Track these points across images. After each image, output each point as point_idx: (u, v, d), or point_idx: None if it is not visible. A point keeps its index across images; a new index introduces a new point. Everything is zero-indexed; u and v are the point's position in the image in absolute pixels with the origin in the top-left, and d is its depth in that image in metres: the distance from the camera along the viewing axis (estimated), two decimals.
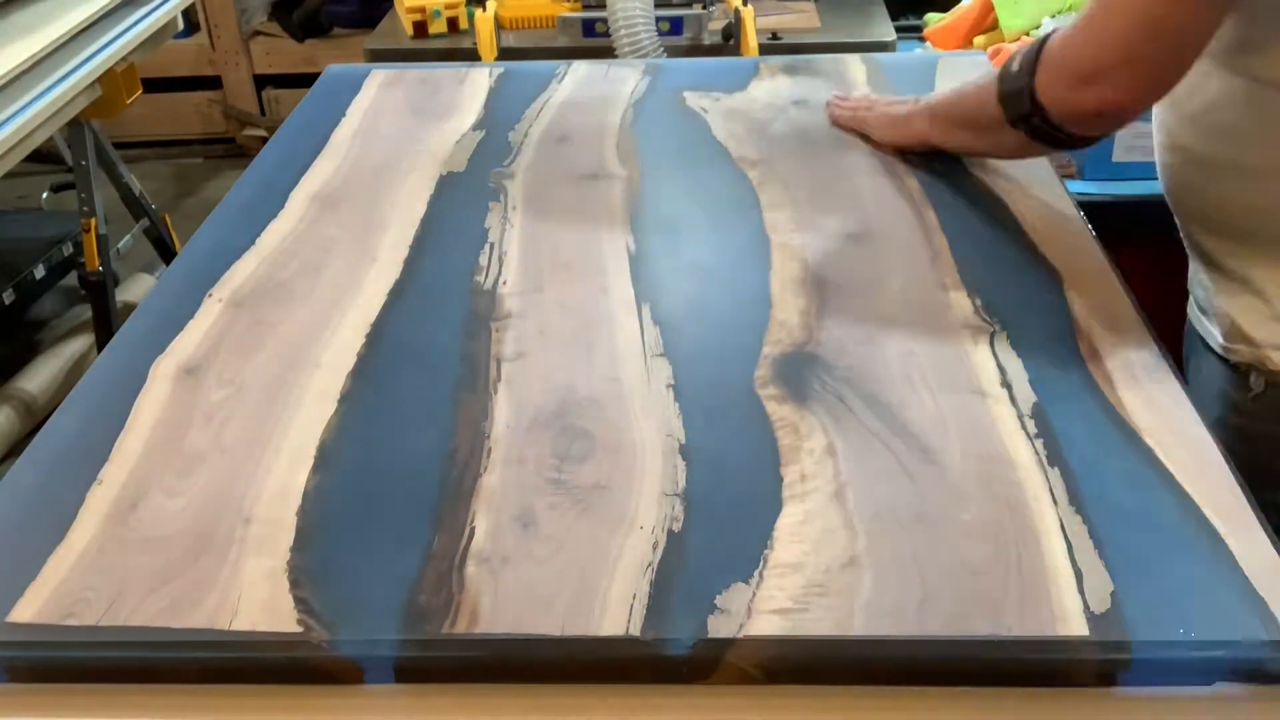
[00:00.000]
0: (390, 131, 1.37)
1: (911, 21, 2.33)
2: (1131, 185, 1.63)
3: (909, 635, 0.66)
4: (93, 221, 2.44)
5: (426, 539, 0.74)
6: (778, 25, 2.30)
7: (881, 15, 2.34)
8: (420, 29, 2.32)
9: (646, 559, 0.72)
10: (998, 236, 1.09)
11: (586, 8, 2.23)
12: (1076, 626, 0.66)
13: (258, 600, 0.70)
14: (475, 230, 1.13)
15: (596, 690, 0.67)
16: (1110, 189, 1.63)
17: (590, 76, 1.52)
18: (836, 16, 2.34)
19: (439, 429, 0.85)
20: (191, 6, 2.89)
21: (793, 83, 1.46)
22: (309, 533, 0.76)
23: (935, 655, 0.66)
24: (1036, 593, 0.68)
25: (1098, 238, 1.08)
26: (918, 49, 2.16)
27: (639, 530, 0.74)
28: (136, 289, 2.81)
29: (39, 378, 2.53)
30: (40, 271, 2.68)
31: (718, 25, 2.23)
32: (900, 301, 0.99)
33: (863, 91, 1.42)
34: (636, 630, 0.67)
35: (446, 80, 1.51)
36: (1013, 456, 0.80)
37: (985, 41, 1.96)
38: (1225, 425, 1.03)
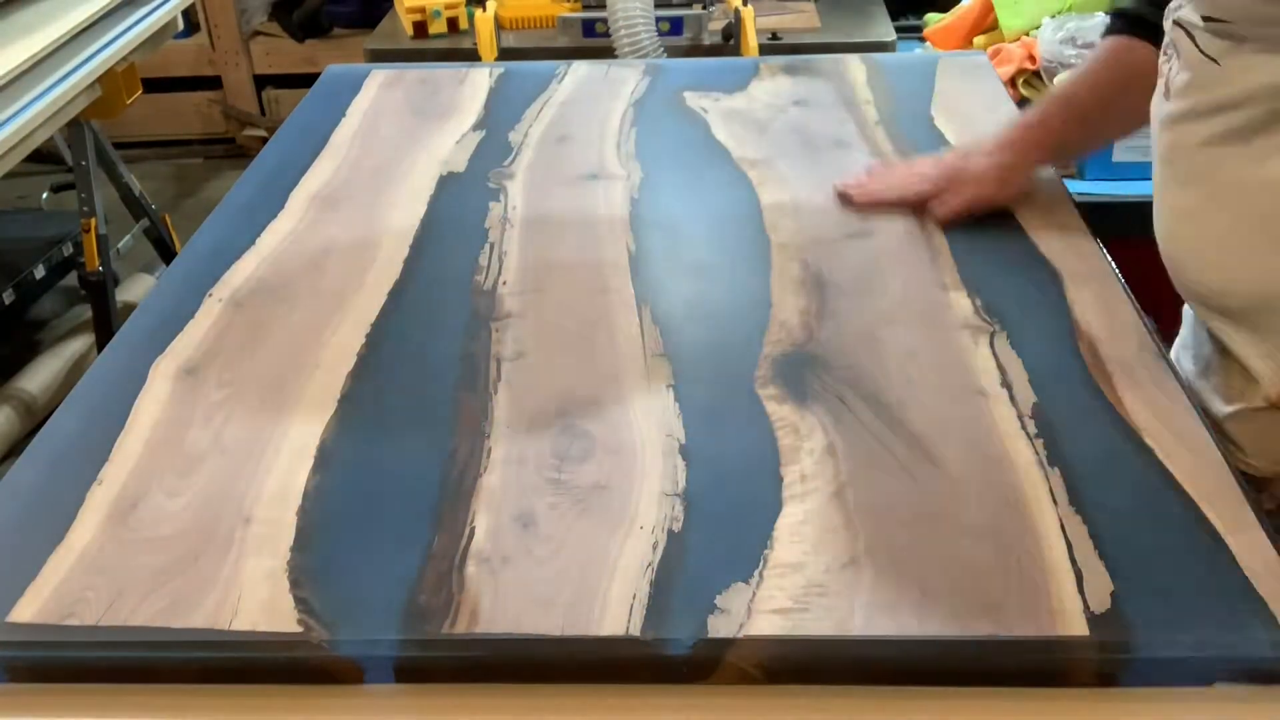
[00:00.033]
0: (390, 131, 1.37)
1: (911, 21, 2.34)
2: (1131, 185, 1.63)
3: (909, 635, 0.66)
4: (93, 221, 2.44)
5: (426, 539, 0.74)
6: (778, 25, 2.30)
7: (881, 15, 2.34)
8: (420, 29, 2.32)
9: (646, 559, 0.72)
10: (998, 236, 1.09)
11: (586, 8, 2.23)
12: (1076, 626, 0.66)
13: (258, 600, 0.70)
14: (475, 230, 1.13)
15: (596, 690, 0.67)
16: (1110, 189, 1.63)
17: (590, 76, 1.52)
18: (836, 16, 2.34)
19: (439, 429, 0.85)
20: (191, 6, 2.88)
21: (793, 83, 1.46)
22: (309, 533, 0.76)
23: (935, 655, 0.66)
24: (1036, 593, 0.68)
25: (1098, 238, 1.08)
26: (918, 49, 2.16)
27: (639, 530, 0.74)
28: (136, 289, 2.81)
29: (39, 378, 2.53)
30: (40, 271, 2.67)
31: (718, 25, 2.23)
32: (900, 301, 0.99)
33: (863, 91, 1.42)
34: (636, 630, 0.67)
35: (446, 80, 1.51)
36: (1013, 456, 0.80)
37: (985, 41, 1.96)
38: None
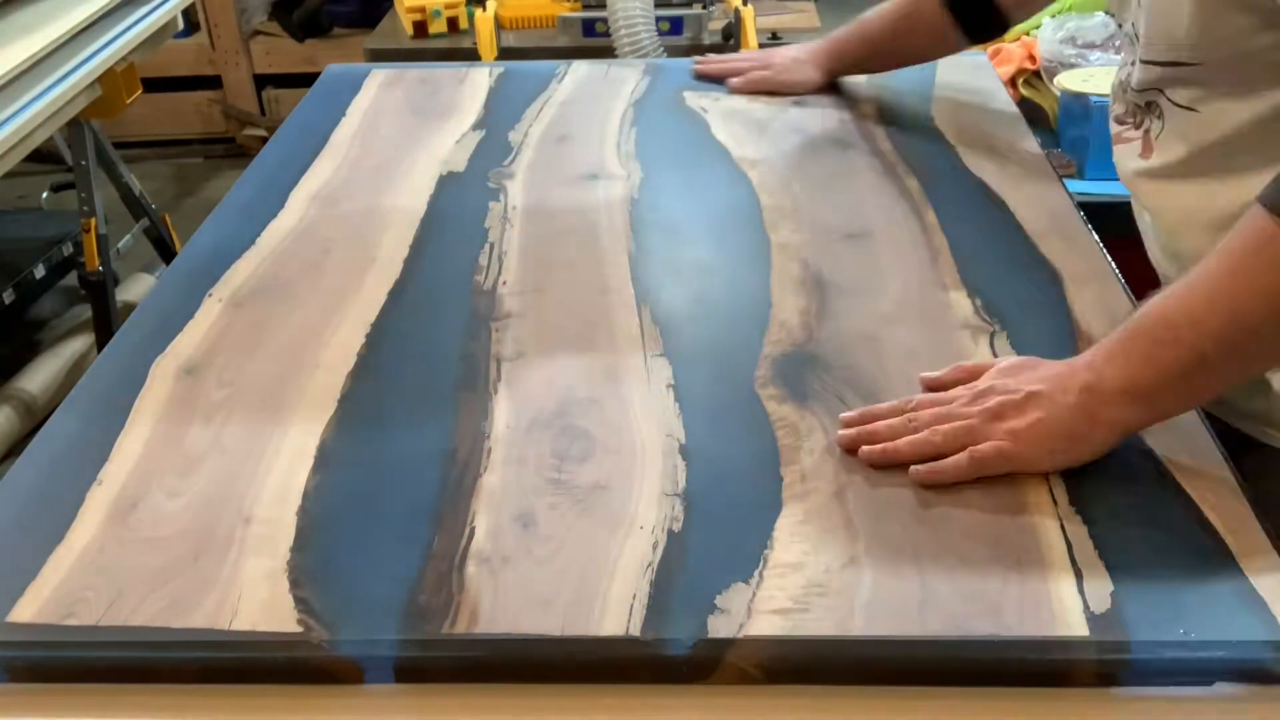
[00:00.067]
0: (390, 131, 1.37)
1: None
2: None
3: (909, 635, 0.66)
4: (93, 221, 2.44)
5: (426, 539, 0.74)
6: (778, 25, 2.30)
7: None
8: (420, 29, 2.32)
9: (646, 559, 0.72)
10: (998, 236, 1.09)
11: (586, 8, 2.23)
12: (1076, 626, 0.66)
13: (258, 600, 0.70)
14: (475, 230, 1.13)
15: (596, 690, 0.67)
16: (1110, 189, 1.62)
17: (590, 76, 1.51)
18: (836, 16, 2.34)
19: (439, 429, 0.85)
20: (191, 6, 2.89)
21: None
22: (309, 533, 0.75)
23: (935, 655, 0.66)
24: (1036, 593, 0.68)
25: (1098, 238, 1.08)
26: None
27: (639, 530, 0.74)
28: (136, 289, 2.81)
29: (39, 378, 2.53)
30: (40, 271, 2.67)
31: (718, 25, 2.23)
32: (900, 301, 0.99)
33: (863, 91, 1.42)
34: (636, 630, 0.67)
35: (446, 80, 1.51)
36: None
37: None
38: None
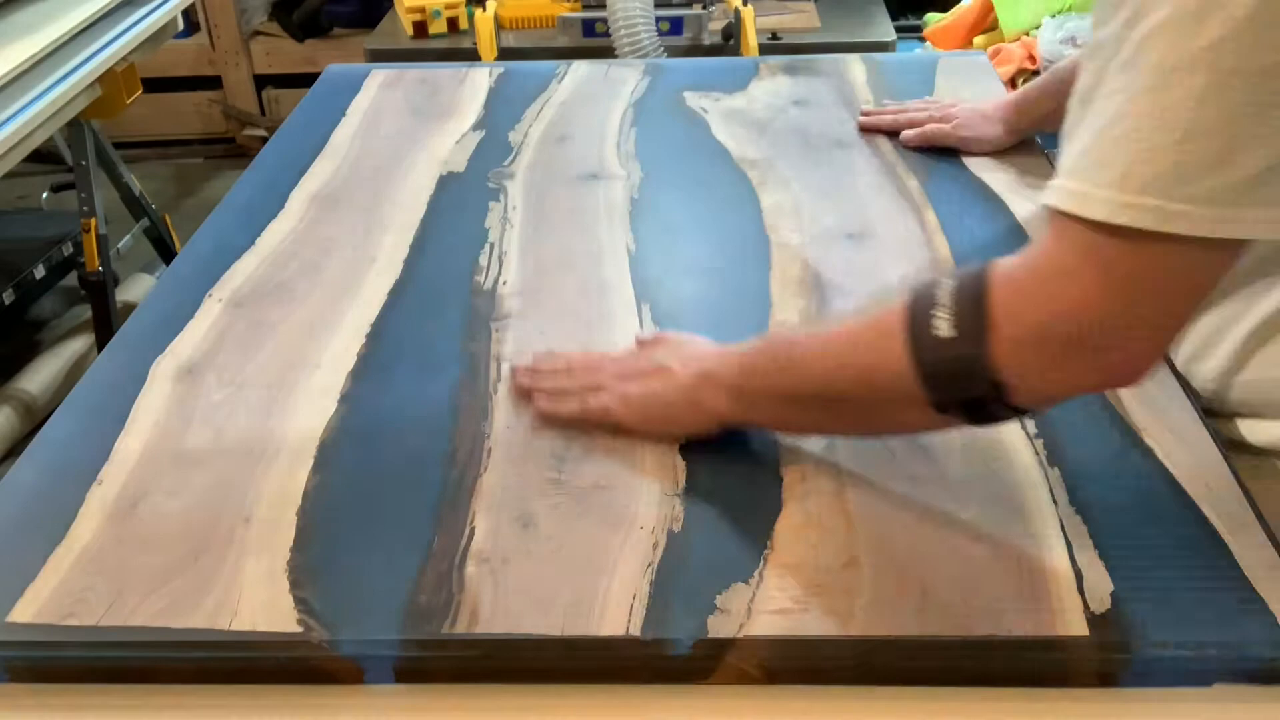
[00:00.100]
0: (390, 131, 1.37)
1: (911, 21, 2.34)
2: None
3: (909, 635, 0.66)
4: (93, 221, 2.44)
5: (426, 539, 0.74)
6: (778, 25, 2.30)
7: (881, 15, 2.34)
8: (420, 29, 2.32)
9: (646, 559, 0.72)
10: (998, 236, 1.09)
11: (586, 8, 2.23)
12: (1076, 626, 0.66)
13: (258, 600, 0.70)
14: (475, 230, 1.13)
15: (596, 690, 0.67)
16: None
17: (590, 76, 1.52)
18: (836, 16, 2.35)
19: (439, 429, 0.85)
20: (191, 6, 2.88)
21: (793, 83, 1.46)
22: (309, 533, 0.75)
23: (935, 655, 0.66)
24: (1036, 593, 0.68)
25: None
26: (918, 49, 2.16)
27: (639, 530, 0.74)
28: (136, 289, 2.81)
29: (39, 378, 2.53)
30: (40, 271, 2.67)
31: (718, 25, 2.23)
32: None
33: (863, 91, 1.42)
34: (636, 630, 0.67)
35: (446, 80, 1.51)
36: (1013, 456, 0.80)
37: (985, 41, 1.96)
38: None
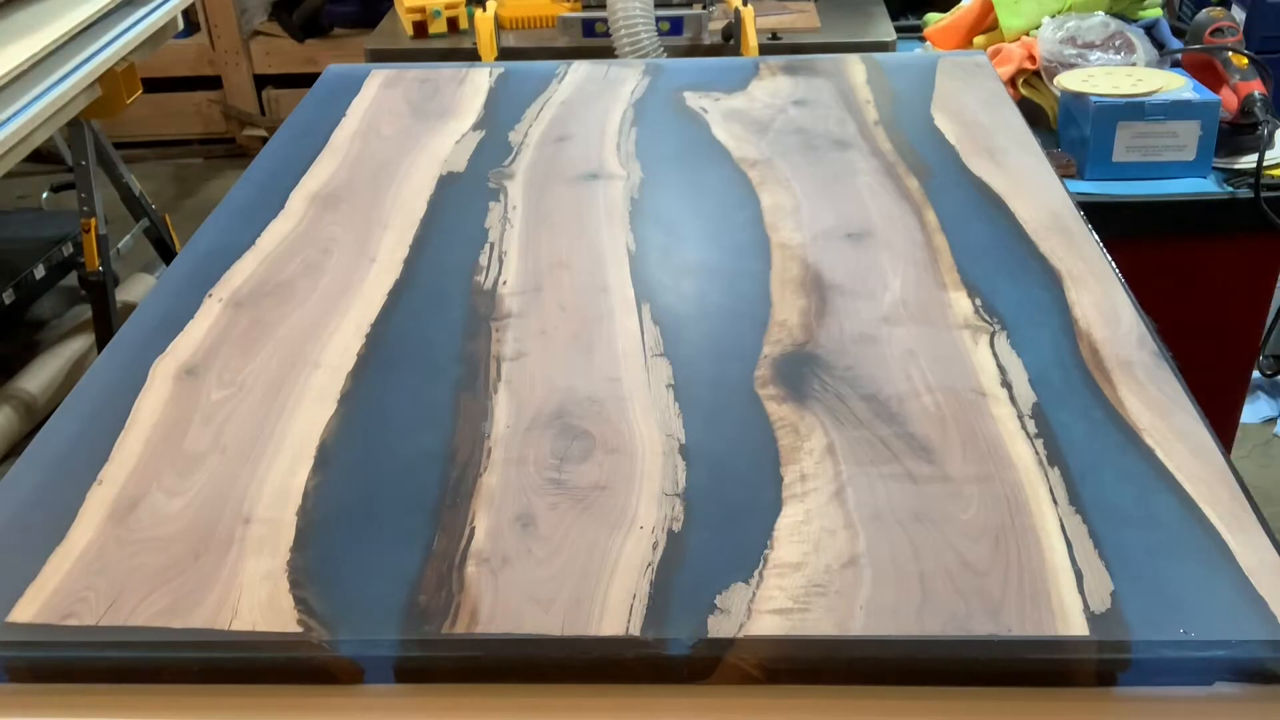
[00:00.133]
0: (390, 131, 1.37)
1: (911, 21, 2.34)
2: (1131, 185, 1.63)
3: (909, 635, 0.66)
4: (93, 221, 2.44)
5: (426, 539, 0.74)
6: (778, 25, 2.29)
7: (881, 15, 2.34)
8: (420, 29, 2.31)
9: (646, 559, 0.72)
10: (998, 236, 1.09)
11: (586, 8, 2.23)
12: (1076, 626, 0.66)
13: (258, 600, 0.70)
14: (475, 230, 1.13)
15: (596, 690, 0.67)
16: (1110, 189, 1.63)
17: (590, 76, 1.51)
18: (836, 16, 2.34)
19: (439, 429, 0.85)
20: (191, 6, 2.89)
21: (793, 83, 1.46)
22: (309, 533, 0.75)
23: (935, 655, 0.66)
24: (1036, 593, 0.68)
25: (1098, 238, 1.08)
26: (918, 49, 2.16)
27: (639, 530, 0.74)
28: (136, 289, 2.81)
29: (39, 378, 2.53)
30: (40, 271, 2.67)
31: (718, 25, 2.23)
32: (900, 301, 0.99)
33: (863, 91, 1.42)
34: (636, 630, 0.67)
35: (446, 80, 1.51)
36: (1013, 457, 0.80)
37: (985, 41, 1.96)
38: None
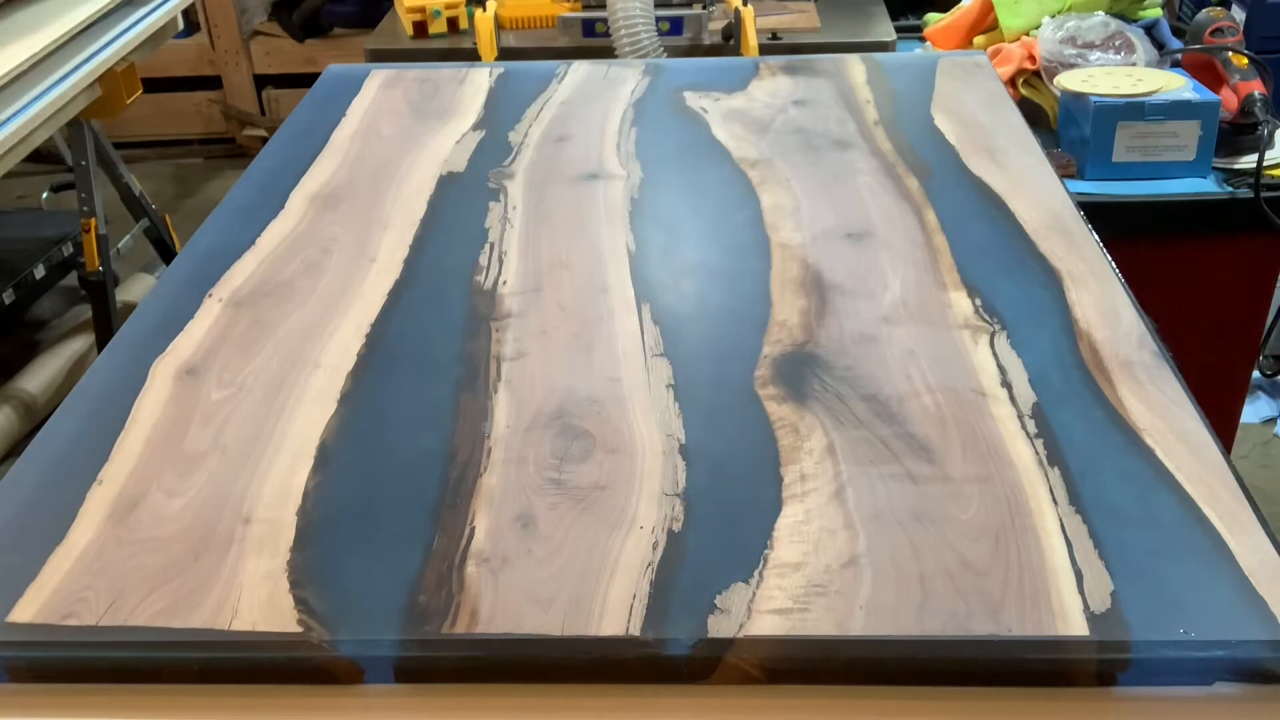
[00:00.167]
0: (390, 131, 1.37)
1: (911, 21, 2.34)
2: (1131, 185, 1.63)
3: (909, 635, 0.66)
4: (93, 221, 2.44)
5: (426, 539, 0.74)
6: (778, 25, 2.29)
7: (881, 15, 2.34)
8: (420, 29, 2.31)
9: (646, 559, 0.72)
10: (998, 236, 1.09)
11: (586, 8, 2.23)
12: (1076, 626, 0.66)
13: (258, 600, 0.70)
14: (475, 230, 1.13)
15: (596, 690, 0.67)
16: (1110, 189, 1.63)
17: (590, 76, 1.52)
18: (836, 16, 2.34)
19: (439, 429, 0.85)
20: (191, 6, 2.89)
21: (793, 83, 1.46)
22: (309, 533, 0.75)
23: (935, 655, 0.66)
24: (1036, 593, 0.68)
25: (1098, 238, 1.08)
26: (918, 49, 2.16)
27: (639, 530, 0.74)
28: (136, 289, 2.81)
29: (39, 378, 2.53)
30: (40, 271, 2.68)
31: (718, 25, 2.23)
32: (900, 301, 0.99)
33: (863, 91, 1.42)
34: (636, 630, 0.67)
35: (446, 80, 1.51)
36: (1013, 456, 0.80)
37: (985, 41, 1.96)
38: None
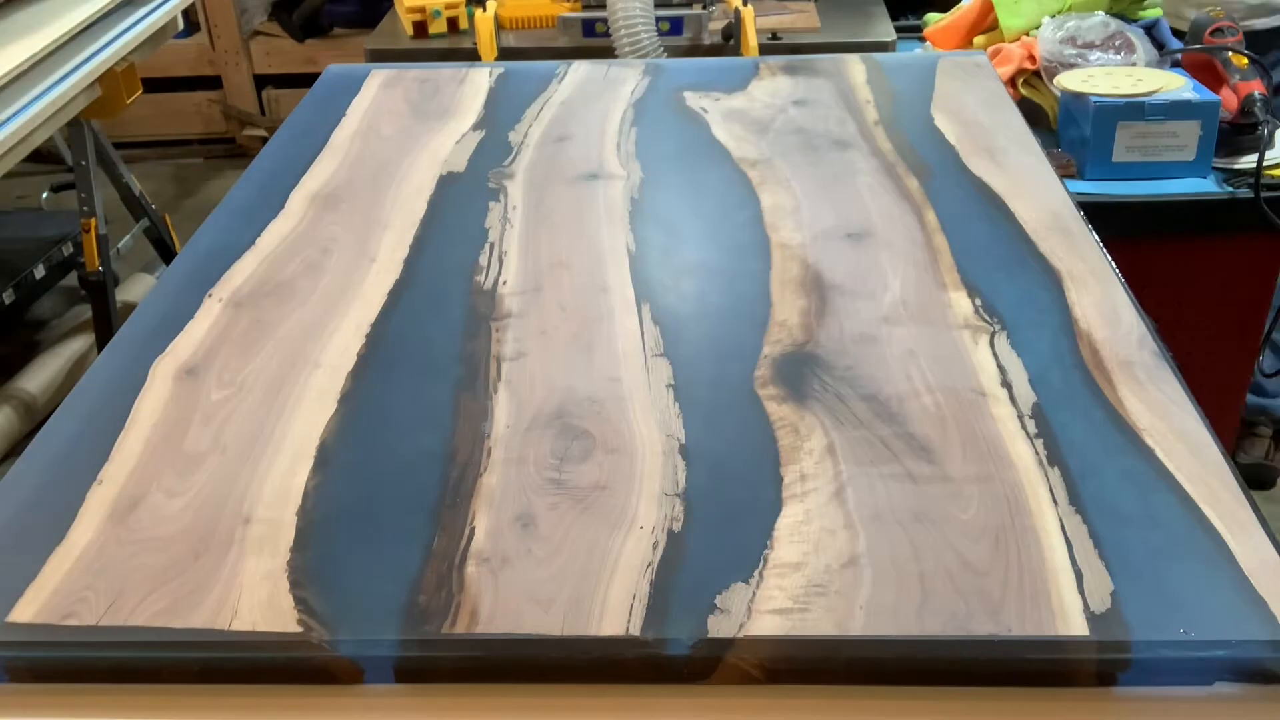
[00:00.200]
0: (390, 131, 1.37)
1: (911, 21, 2.34)
2: (1131, 185, 1.63)
3: (909, 635, 0.66)
4: (93, 221, 2.44)
5: (426, 539, 0.74)
6: (778, 25, 2.29)
7: (881, 15, 2.34)
8: (420, 29, 2.31)
9: (646, 559, 0.72)
10: (998, 236, 1.09)
11: (586, 8, 2.23)
12: (1076, 626, 0.66)
13: (258, 600, 0.70)
14: (475, 230, 1.13)
15: (596, 690, 0.67)
16: (1110, 189, 1.63)
17: (590, 76, 1.52)
18: (836, 16, 2.34)
19: (439, 429, 0.85)
20: (191, 6, 2.89)
21: (793, 83, 1.46)
22: (309, 533, 0.75)
23: (935, 655, 0.66)
24: (1036, 593, 0.68)
25: (1098, 238, 1.08)
26: (918, 49, 2.16)
27: (639, 530, 0.74)
28: (136, 289, 2.81)
29: (39, 378, 2.53)
30: (40, 271, 2.68)
31: (718, 25, 2.23)
32: (900, 301, 0.99)
33: (863, 91, 1.42)
34: (636, 630, 0.67)
35: (446, 80, 1.51)
36: (1013, 456, 0.80)
37: (985, 41, 1.96)
38: None
